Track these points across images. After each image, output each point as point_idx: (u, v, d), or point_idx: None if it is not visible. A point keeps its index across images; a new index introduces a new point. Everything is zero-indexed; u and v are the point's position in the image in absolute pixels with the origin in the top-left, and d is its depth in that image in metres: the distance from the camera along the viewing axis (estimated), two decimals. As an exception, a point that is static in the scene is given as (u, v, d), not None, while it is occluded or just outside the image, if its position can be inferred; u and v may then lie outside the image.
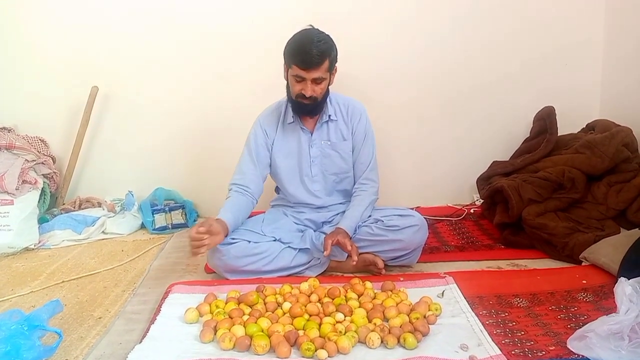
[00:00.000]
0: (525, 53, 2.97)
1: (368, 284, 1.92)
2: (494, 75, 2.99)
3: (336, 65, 2.12)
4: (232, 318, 1.70)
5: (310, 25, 2.08)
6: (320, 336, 1.59)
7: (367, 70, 2.91)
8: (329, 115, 2.21)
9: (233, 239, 2.09)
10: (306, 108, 2.12)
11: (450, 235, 2.61)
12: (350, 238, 2.09)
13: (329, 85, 2.13)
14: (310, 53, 1.97)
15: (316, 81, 2.04)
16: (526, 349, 1.49)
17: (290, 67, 2.05)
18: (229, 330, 1.61)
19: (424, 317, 1.69)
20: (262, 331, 1.62)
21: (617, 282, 1.48)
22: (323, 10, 2.76)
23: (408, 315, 1.69)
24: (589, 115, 2.91)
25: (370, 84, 2.92)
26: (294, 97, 2.10)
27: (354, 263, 2.01)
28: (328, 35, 2.05)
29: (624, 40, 2.85)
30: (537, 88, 3.00)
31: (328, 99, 2.19)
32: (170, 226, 2.85)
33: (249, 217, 2.23)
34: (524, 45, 2.97)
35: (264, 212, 2.38)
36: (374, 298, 1.84)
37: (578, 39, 2.97)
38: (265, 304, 1.81)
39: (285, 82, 2.15)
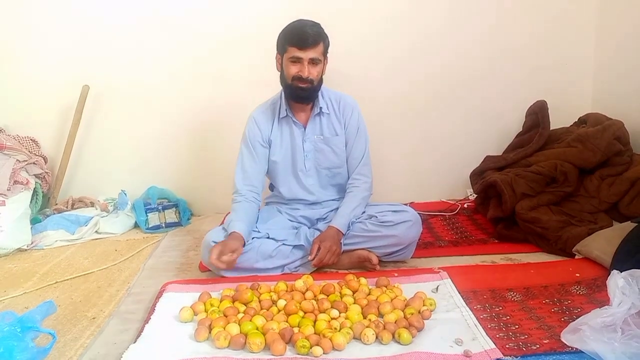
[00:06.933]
0: (517, 47, 2.98)
1: (362, 280, 1.92)
2: (486, 70, 3.00)
3: (327, 55, 2.13)
4: (226, 316, 1.70)
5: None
6: (315, 333, 1.59)
7: (358, 67, 2.91)
8: (321, 108, 2.20)
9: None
10: (302, 93, 2.11)
11: (444, 231, 2.62)
12: (343, 235, 2.11)
13: (322, 73, 2.14)
14: (306, 33, 2.02)
15: (313, 62, 2.05)
16: (520, 343, 1.50)
17: (285, 50, 2.07)
18: (224, 328, 1.61)
19: (419, 312, 1.69)
20: (257, 329, 1.61)
21: (609, 274, 1.49)
22: (313, 7, 2.74)
23: (403, 311, 1.70)
24: (580, 108, 2.91)
25: (362, 81, 2.91)
26: (289, 81, 2.09)
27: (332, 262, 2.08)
28: (319, 24, 2.09)
29: (615, 34, 2.86)
30: (529, 82, 3.01)
31: (320, 93, 2.19)
32: (163, 225, 2.83)
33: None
34: (515, 39, 2.97)
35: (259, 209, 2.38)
36: (369, 294, 1.84)
37: (570, 33, 2.98)
38: (259, 301, 1.81)
39: (279, 73, 2.14)
